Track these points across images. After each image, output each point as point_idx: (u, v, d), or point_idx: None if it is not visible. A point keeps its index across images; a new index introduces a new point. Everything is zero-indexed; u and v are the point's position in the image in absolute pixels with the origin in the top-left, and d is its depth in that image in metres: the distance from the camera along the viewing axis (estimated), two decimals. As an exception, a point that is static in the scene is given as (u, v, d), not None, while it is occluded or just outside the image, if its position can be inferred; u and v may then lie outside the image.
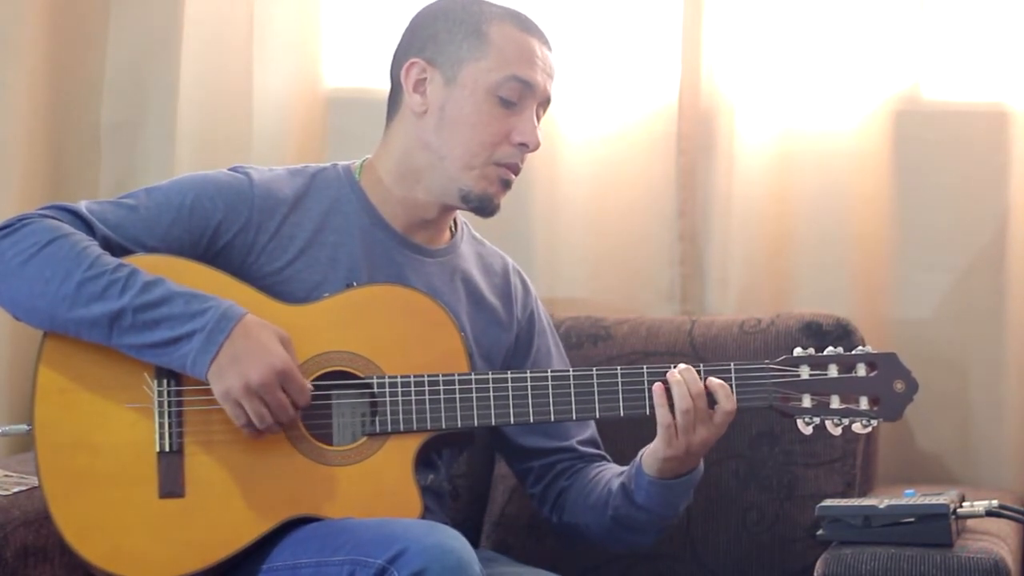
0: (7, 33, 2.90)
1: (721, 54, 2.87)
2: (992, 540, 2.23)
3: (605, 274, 2.92)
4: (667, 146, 2.90)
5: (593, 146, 2.91)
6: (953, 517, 2.19)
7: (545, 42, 2.32)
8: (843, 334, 2.60)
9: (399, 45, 2.34)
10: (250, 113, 2.99)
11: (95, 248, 2.17)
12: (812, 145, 2.86)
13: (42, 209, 2.22)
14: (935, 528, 2.18)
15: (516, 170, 2.30)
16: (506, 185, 2.30)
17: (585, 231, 2.92)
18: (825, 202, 2.85)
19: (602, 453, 2.44)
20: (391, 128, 2.34)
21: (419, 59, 2.29)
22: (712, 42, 2.88)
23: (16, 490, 2.30)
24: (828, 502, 2.26)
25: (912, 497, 2.23)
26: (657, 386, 2.18)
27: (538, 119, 2.31)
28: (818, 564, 2.20)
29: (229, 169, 2.31)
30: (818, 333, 2.60)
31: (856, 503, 2.24)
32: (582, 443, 2.42)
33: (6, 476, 2.38)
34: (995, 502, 2.24)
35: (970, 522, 2.26)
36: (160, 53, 3.00)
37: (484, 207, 2.30)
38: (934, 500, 2.20)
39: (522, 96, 2.27)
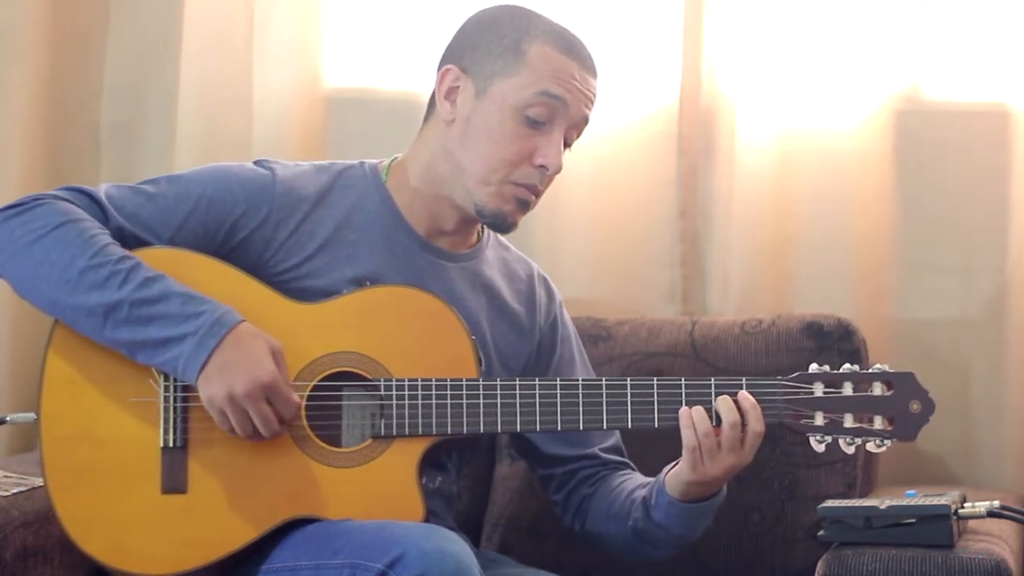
0: (7, 33, 2.90)
1: (722, 54, 2.87)
2: (993, 541, 2.23)
3: (605, 275, 2.91)
4: (667, 146, 2.90)
5: (593, 146, 2.90)
6: (954, 518, 2.19)
7: (588, 68, 2.26)
8: (844, 335, 2.60)
9: (446, 47, 2.31)
10: (250, 113, 2.99)
11: (104, 237, 2.16)
12: (813, 145, 2.86)
13: (60, 190, 2.22)
14: (936, 529, 2.17)
15: (535, 191, 2.26)
16: (523, 205, 2.25)
17: (585, 231, 2.91)
18: (826, 202, 2.85)
19: (626, 460, 2.41)
20: (424, 131, 2.32)
21: (455, 67, 2.26)
22: (713, 42, 2.87)
23: (16, 491, 2.29)
24: (829, 503, 2.26)
25: (913, 498, 2.23)
26: (683, 410, 2.15)
27: (569, 143, 2.27)
28: (819, 565, 2.19)
29: (254, 162, 2.30)
30: (819, 334, 2.60)
31: (857, 504, 2.24)
32: (605, 450, 2.39)
33: (6, 477, 2.37)
34: (996, 503, 2.23)
35: (971, 523, 2.26)
36: (160, 53, 2.99)
37: (498, 224, 2.27)
38: (935, 501, 2.20)
39: (552, 116, 2.23)
